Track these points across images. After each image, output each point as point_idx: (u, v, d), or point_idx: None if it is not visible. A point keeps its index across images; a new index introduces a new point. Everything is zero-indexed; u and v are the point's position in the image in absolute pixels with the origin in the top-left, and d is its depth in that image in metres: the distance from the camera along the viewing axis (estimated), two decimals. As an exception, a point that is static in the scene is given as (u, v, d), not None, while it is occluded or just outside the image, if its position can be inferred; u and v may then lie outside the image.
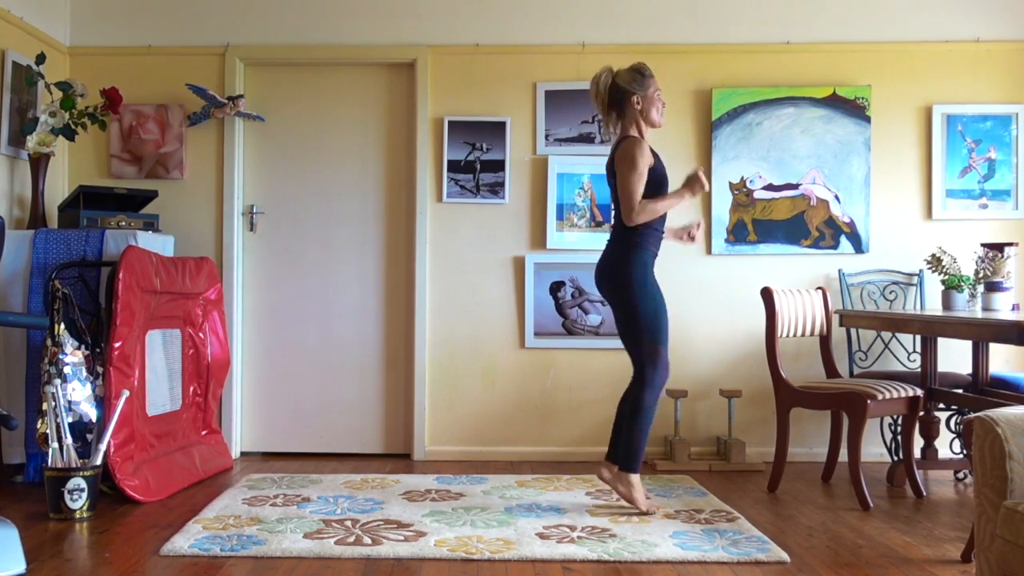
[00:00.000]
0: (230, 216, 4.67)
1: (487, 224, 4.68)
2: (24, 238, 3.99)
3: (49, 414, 3.47)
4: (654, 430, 4.62)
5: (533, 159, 4.68)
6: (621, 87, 3.45)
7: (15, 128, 4.19)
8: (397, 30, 4.69)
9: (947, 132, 4.64)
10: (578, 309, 4.66)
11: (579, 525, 3.30)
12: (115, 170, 4.69)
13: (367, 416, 4.74)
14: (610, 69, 3.49)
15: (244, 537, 3.11)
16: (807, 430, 4.57)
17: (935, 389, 4.05)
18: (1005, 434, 2.14)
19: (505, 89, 4.68)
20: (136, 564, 2.87)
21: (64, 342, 3.67)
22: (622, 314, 3.43)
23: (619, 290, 3.41)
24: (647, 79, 3.46)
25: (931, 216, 4.66)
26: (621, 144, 3.43)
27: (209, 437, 4.34)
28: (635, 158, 3.36)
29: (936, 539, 3.21)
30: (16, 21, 4.20)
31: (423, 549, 3.00)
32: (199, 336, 4.28)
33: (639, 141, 3.41)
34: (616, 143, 3.48)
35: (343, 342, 4.73)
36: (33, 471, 3.90)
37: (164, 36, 4.70)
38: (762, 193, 4.64)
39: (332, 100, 4.77)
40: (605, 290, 3.49)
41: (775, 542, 3.10)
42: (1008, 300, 3.95)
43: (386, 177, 4.77)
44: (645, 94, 3.45)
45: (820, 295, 4.18)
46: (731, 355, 4.66)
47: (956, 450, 4.34)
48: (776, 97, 4.65)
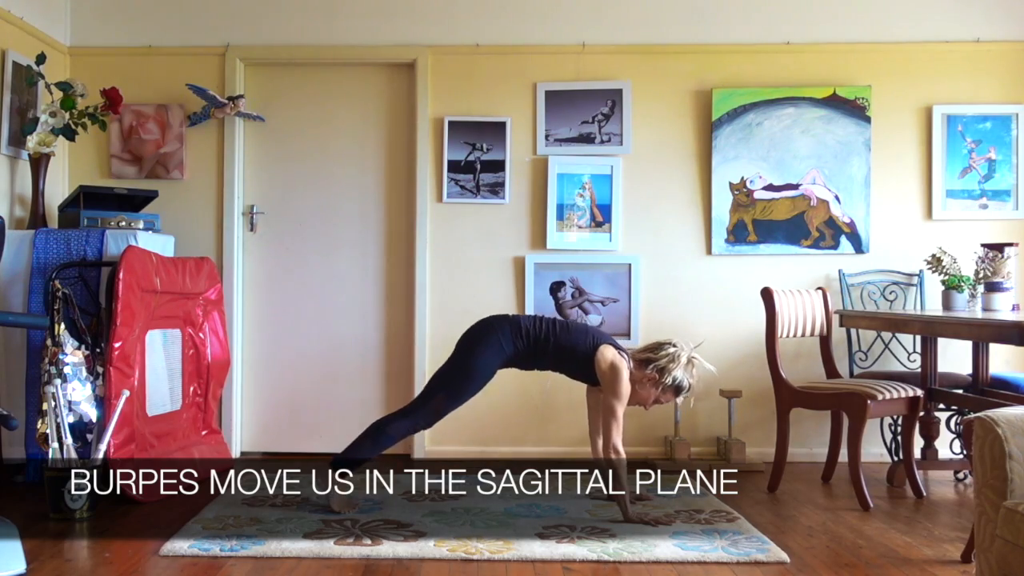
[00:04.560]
0: (230, 216, 4.67)
1: (487, 224, 4.68)
2: (24, 238, 3.99)
3: (49, 414, 3.47)
4: (654, 430, 4.64)
5: (533, 159, 4.68)
6: (658, 363, 3.45)
7: (15, 128, 4.19)
8: (397, 30, 4.69)
9: (947, 132, 4.64)
10: (578, 309, 4.66)
11: (579, 525, 3.30)
12: (115, 170, 4.69)
13: (367, 416, 4.70)
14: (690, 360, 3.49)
15: (244, 537, 3.11)
16: (807, 430, 4.57)
17: (935, 389, 4.05)
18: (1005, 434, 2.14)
19: (505, 89, 4.68)
20: (136, 564, 2.87)
21: (64, 342, 3.67)
22: (457, 364, 3.50)
23: (476, 346, 3.48)
24: (671, 391, 3.46)
25: (931, 216, 4.66)
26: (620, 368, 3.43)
27: (209, 437, 4.34)
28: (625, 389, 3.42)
29: (936, 539, 3.21)
30: (16, 21, 4.20)
31: (423, 549, 3.00)
32: (199, 336, 4.28)
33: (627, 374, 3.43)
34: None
35: (343, 342, 4.73)
36: (33, 471, 3.89)
37: (164, 36, 4.70)
38: (762, 193, 4.64)
39: (332, 100, 4.77)
40: (470, 339, 3.53)
41: (775, 542, 3.10)
42: (1008, 300, 3.95)
43: (386, 177, 4.77)
44: (659, 386, 3.45)
45: (820, 295, 4.18)
46: (731, 355, 4.65)
47: (956, 450, 4.34)
48: (776, 97, 4.64)
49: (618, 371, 3.40)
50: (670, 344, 3.50)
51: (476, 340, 3.51)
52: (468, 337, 3.56)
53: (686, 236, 4.68)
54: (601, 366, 3.42)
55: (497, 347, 3.47)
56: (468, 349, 3.51)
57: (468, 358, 3.49)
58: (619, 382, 3.39)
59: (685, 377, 3.46)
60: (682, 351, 3.47)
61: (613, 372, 3.40)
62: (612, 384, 3.39)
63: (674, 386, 3.46)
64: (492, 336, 3.49)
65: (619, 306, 4.64)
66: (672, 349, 3.47)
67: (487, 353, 3.47)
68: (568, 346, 3.46)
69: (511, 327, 3.51)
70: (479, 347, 3.48)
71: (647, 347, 3.55)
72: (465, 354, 3.51)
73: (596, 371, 3.44)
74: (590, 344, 3.46)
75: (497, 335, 3.49)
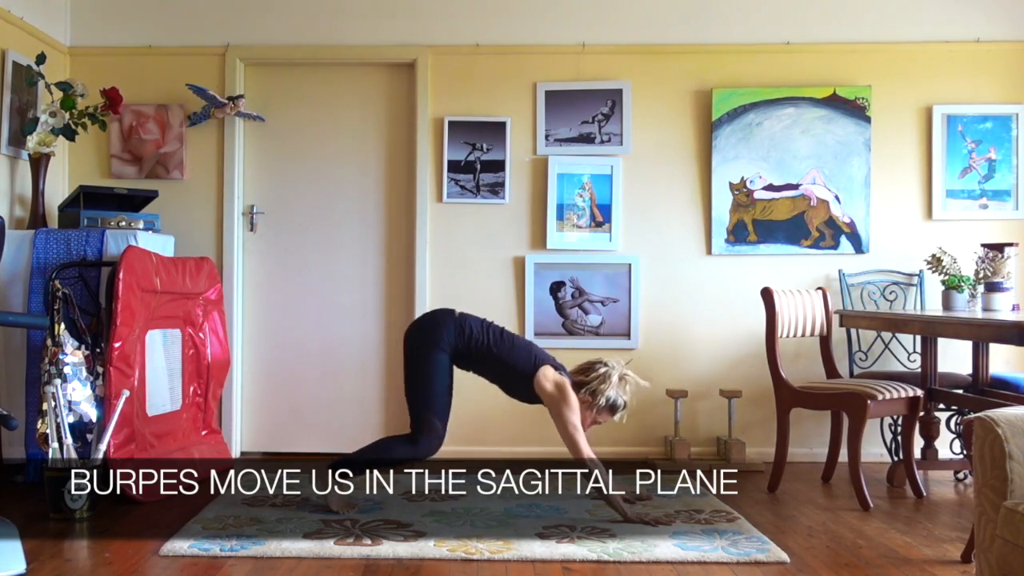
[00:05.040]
0: (230, 216, 4.67)
1: (487, 224, 4.68)
2: (24, 238, 3.99)
3: (49, 414, 3.47)
4: (655, 430, 4.64)
5: (533, 159, 4.68)
6: (590, 386, 3.45)
7: (15, 128, 4.19)
8: (397, 30, 4.69)
9: (947, 132, 4.64)
10: (578, 309, 4.66)
11: (579, 525, 3.30)
12: (115, 170, 4.69)
13: (367, 416, 4.74)
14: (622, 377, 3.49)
15: (244, 537, 3.11)
16: (807, 430, 4.57)
17: (935, 389, 4.05)
18: (1005, 434, 2.14)
19: (505, 89, 4.68)
20: (136, 564, 2.87)
21: (64, 342, 3.67)
22: (411, 370, 3.52)
23: (421, 347, 3.49)
24: (607, 411, 3.46)
25: (931, 216, 4.66)
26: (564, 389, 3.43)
27: (209, 437, 4.34)
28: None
29: (936, 539, 3.21)
30: (16, 21, 4.20)
31: (423, 549, 3.00)
32: (199, 336, 4.28)
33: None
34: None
35: (343, 342, 4.73)
36: (33, 471, 3.89)
37: (164, 36, 4.70)
38: (762, 193, 4.64)
39: (332, 100, 4.77)
40: (414, 338, 3.54)
41: (775, 542, 3.10)
42: (1008, 300, 3.95)
43: (386, 177, 4.77)
44: (594, 408, 3.44)
45: (820, 295, 4.18)
46: (731, 355, 4.65)
47: (956, 450, 4.34)
48: (776, 97, 4.64)
49: (564, 388, 3.41)
50: (600, 364, 3.50)
51: (419, 339, 3.51)
52: (412, 336, 3.56)
53: (686, 236, 4.68)
54: (545, 388, 3.41)
55: (438, 340, 3.47)
56: (414, 349, 3.51)
57: (417, 360, 3.49)
58: (567, 398, 3.39)
59: (619, 396, 3.47)
60: (613, 370, 3.47)
61: (559, 390, 3.40)
62: (560, 403, 3.39)
63: (608, 406, 3.46)
64: (434, 331, 3.50)
65: (619, 306, 4.64)
66: (603, 369, 3.47)
67: (432, 350, 3.46)
68: (509, 363, 3.46)
69: (455, 324, 3.51)
70: (423, 347, 3.48)
71: (577, 369, 3.54)
72: (414, 357, 3.50)
73: (537, 392, 3.43)
74: (531, 365, 3.45)
75: (440, 329, 3.49)
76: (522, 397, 3.55)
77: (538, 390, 3.43)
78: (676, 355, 4.66)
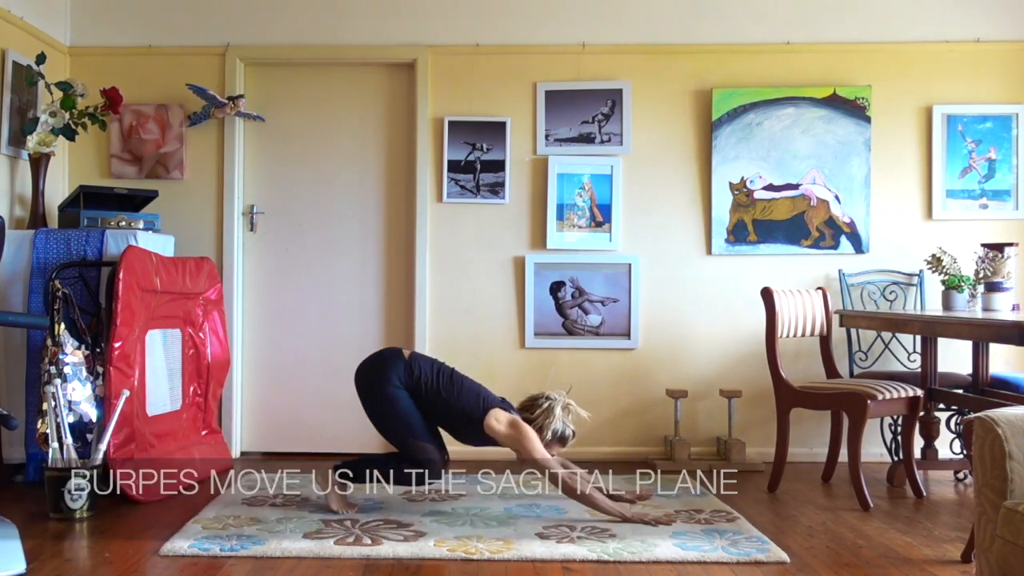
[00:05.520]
0: (230, 216, 4.67)
1: (487, 224, 4.68)
2: (24, 238, 3.99)
3: (49, 414, 3.47)
4: (655, 430, 4.64)
5: (533, 159, 4.68)
6: (536, 421, 3.45)
7: (15, 128, 4.19)
8: (397, 30, 4.69)
9: (947, 132, 4.64)
10: (578, 309, 4.66)
11: (579, 525, 3.30)
12: (115, 170, 4.69)
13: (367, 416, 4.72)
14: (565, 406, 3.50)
15: (244, 537, 3.11)
16: (807, 430, 4.57)
17: (935, 389, 4.05)
18: (1005, 434, 2.14)
19: (505, 89, 4.68)
20: (136, 564, 2.87)
21: (64, 342, 3.67)
22: (376, 411, 3.49)
23: (375, 388, 3.45)
24: (556, 443, 3.47)
25: (931, 216, 4.66)
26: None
27: (209, 437, 4.34)
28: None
29: (936, 539, 3.21)
30: (16, 21, 4.20)
31: (423, 549, 3.00)
32: (199, 336, 4.28)
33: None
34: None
35: (343, 342, 4.73)
36: (33, 471, 3.89)
37: (164, 36, 4.70)
38: (762, 193, 4.64)
39: (332, 100, 4.77)
40: (366, 383, 3.49)
41: (775, 542, 3.10)
42: (1008, 300, 3.95)
43: (386, 177, 4.77)
44: (546, 437, 3.43)
45: (820, 295, 4.18)
46: (731, 355, 4.65)
47: (956, 450, 4.34)
48: (776, 97, 4.64)
49: (518, 424, 3.39)
50: (542, 398, 3.50)
51: (370, 378, 3.47)
52: (362, 377, 3.50)
53: (686, 236, 4.68)
54: (498, 430, 3.38)
55: (389, 376, 3.42)
56: (368, 394, 3.47)
57: (374, 401, 3.45)
58: (524, 433, 3.36)
59: (566, 426, 3.48)
60: (556, 403, 3.47)
61: (515, 428, 3.38)
62: (520, 439, 3.36)
63: (558, 438, 3.47)
64: (383, 370, 3.44)
65: (619, 306, 4.64)
66: (546, 403, 3.47)
67: (385, 386, 3.41)
68: (456, 408, 3.42)
69: (404, 365, 3.45)
70: (375, 385, 3.44)
71: (520, 407, 3.54)
72: (370, 400, 3.47)
73: (489, 435, 3.40)
74: (479, 409, 3.41)
75: (389, 368, 3.44)
76: (471, 441, 3.50)
77: (491, 433, 3.39)
78: (676, 355, 4.66)
